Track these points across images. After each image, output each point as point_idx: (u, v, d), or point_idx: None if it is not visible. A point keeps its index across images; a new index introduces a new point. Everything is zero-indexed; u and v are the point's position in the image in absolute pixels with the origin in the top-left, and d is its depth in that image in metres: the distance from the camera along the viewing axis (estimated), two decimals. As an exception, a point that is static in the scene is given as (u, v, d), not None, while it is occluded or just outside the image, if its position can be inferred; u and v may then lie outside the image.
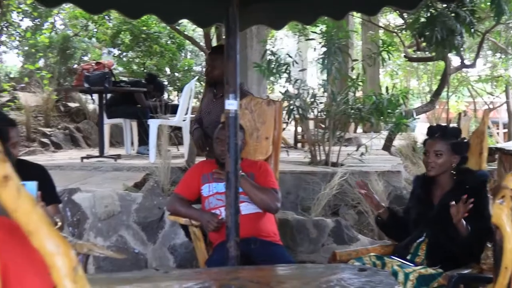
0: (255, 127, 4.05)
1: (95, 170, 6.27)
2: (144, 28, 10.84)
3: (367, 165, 6.14)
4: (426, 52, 9.40)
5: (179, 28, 10.81)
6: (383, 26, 12.54)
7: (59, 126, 9.25)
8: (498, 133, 16.14)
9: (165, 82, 10.79)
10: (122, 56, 11.69)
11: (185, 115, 7.07)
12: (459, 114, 6.95)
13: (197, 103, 8.59)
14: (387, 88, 6.79)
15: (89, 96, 8.59)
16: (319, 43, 6.54)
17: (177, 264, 4.77)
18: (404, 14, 8.37)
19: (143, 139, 7.43)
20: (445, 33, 6.37)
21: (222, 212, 3.44)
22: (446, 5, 6.48)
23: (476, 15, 6.97)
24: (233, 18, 3.14)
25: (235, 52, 3.14)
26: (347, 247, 4.69)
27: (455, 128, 3.45)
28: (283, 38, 16.74)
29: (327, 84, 6.43)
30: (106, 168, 6.32)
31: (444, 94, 11.12)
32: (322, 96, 6.84)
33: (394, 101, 6.32)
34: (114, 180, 5.68)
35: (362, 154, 6.34)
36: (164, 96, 9.50)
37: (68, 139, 9.06)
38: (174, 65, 11.55)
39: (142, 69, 11.26)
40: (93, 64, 7.76)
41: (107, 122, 7.61)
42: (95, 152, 7.34)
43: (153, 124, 6.68)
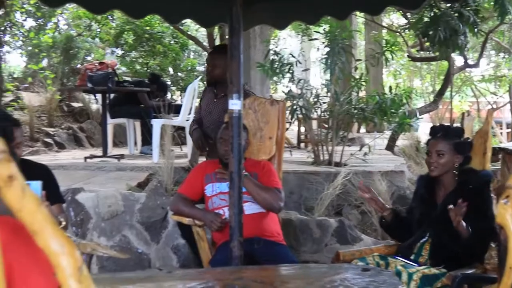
0: (259, 127, 4.05)
1: (99, 170, 6.27)
2: (147, 28, 10.84)
3: (370, 165, 6.13)
4: (430, 52, 9.39)
5: (182, 28, 10.80)
6: (386, 26, 12.52)
7: (63, 126, 9.26)
8: (502, 133, 16.09)
9: (168, 82, 10.79)
10: (125, 56, 11.69)
11: (188, 115, 7.06)
12: (463, 114, 6.94)
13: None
14: (391, 88, 6.79)
15: (93, 96, 8.59)
16: (322, 43, 6.54)
17: (181, 264, 4.76)
18: (407, 14, 8.34)
19: (147, 139, 7.43)
20: (448, 33, 6.36)
21: (226, 212, 3.44)
22: (450, 5, 6.47)
23: (480, 15, 6.96)
24: (237, 18, 3.14)
25: (239, 52, 3.13)
26: (350, 247, 4.68)
27: (458, 128, 3.44)
28: (286, 38, 16.73)
29: (330, 84, 6.43)
30: (110, 168, 6.32)
31: (448, 94, 11.11)
32: (325, 96, 6.83)
33: (398, 101, 6.30)
34: (118, 180, 5.69)
35: (366, 154, 6.34)
36: (167, 96, 9.49)
37: (72, 139, 9.07)
38: (177, 65, 11.55)
39: (145, 69, 11.26)
40: (97, 64, 7.77)
41: (111, 122, 7.61)
42: (99, 152, 7.35)
43: (156, 124, 6.68)
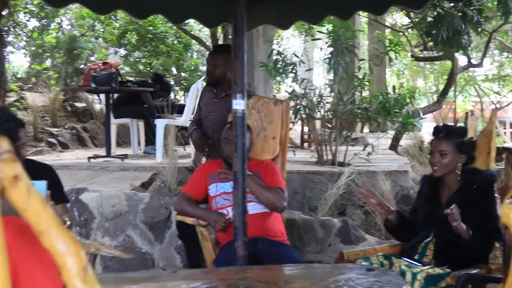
0: (262, 127, 4.04)
1: (102, 170, 6.28)
2: (151, 28, 10.85)
3: (374, 165, 6.13)
4: (433, 52, 9.37)
5: (186, 28, 10.82)
6: (390, 26, 12.51)
7: (66, 126, 9.27)
8: (505, 133, 16.06)
9: (172, 82, 10.80)
10: (129, 56, 11.70)
11: (192, 115, 7.05)
12: (466, 114, 6.93)
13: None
14: (394, 88, 6.78)
15: (96, 96, 8.61)
16: (326, 43, 6.53)
17: (184, 264, 4.76)
18: (411, 13, 8.34)
19: (150, 139, 7.44)
20: (452, 33, 6.35)
21: (229, 212, 3.44)
22: (453, 4, 6.46)
23: (483, 14, 6.94)
24: (241, 18, 3.13)
25: (243, 52, 3.12)
26: (354, 247, 4.68)
27: (461, 128, 3.42)
28: (290, 38, 16.71)
29: (334, 84, 6.42)
30: (113, 168, 6.33)
31: (451, 94, 11.10)
32: (329, 96, 6.82)
33: (401, 101, 6.30)
34: (121, 180, 5.69)
35: (369, 154, 6.33)
36: (171, 96, 9.50)
37: (75, 139, 9.08)
38: (181, 65, 11.56)
39: (149, 69, 11.28)
40: (100, 64, 7.77)
41: (114, 122, 7.62)
42: (102, 152, 7.36)
43: (160, 124, 6.69)
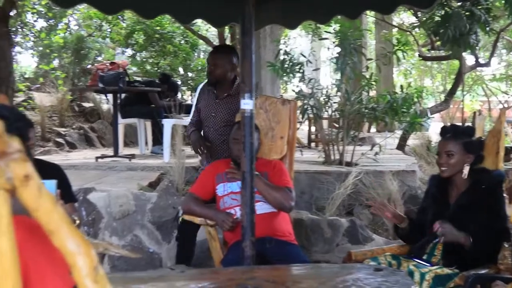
0: (270, 127, 4.04)
1: (110, 170, 6.29)
2: (158, 28, 10.88)
3: (381, 165, 6.12)
4: (440, 51, 9.35)
5: (193, 28, 10.83)
6: (397, 25, 12.48)
7: (74, 126, 9.30)
8: (513, 132, 15.99)
9: (179, 82, 10.82)
10: (136, 56, 11.73)
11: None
12: (474, 113, 6.91)
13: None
14: (402, 87, 6.76)
15: (104, 96, 8.63)
16: (333, 43, 6.52)
17: (192, 264, 4.77)
18: (418, 13, 8.32)
19: (157, 139, 7.44)
20: (459, 32, 6.32)
21: (237, 212, 3.44)
22: (461, 4, 6.43)
23: (491, 14, 6.92)
24: (249, 18, 3.12)
25: (251, 52, 3.12)
26: (362, 247, 4.67)
27: (468, 127, 3.39)
28: (297, 38, 16.71)
29: (341, 84, 6.41)
30: (121, 168, 6.34)
31: (459, 93, 11.07)
32: (336, 96, 6.82)
33: (409, 100, 6.28)
34: (129, 180, 5.70)
35: (376, 154, 6.31)
36: (178, 96, 9.51)
37: (83, 139, 9.11)
38: (188, 65, 11.58)
39: (156, 69, 11.30)
40: (108, 64, 7.80)
41: (122, 122, 7.64)
42: (110, 152, 7.38)
43: (167, 124, 6.70)
